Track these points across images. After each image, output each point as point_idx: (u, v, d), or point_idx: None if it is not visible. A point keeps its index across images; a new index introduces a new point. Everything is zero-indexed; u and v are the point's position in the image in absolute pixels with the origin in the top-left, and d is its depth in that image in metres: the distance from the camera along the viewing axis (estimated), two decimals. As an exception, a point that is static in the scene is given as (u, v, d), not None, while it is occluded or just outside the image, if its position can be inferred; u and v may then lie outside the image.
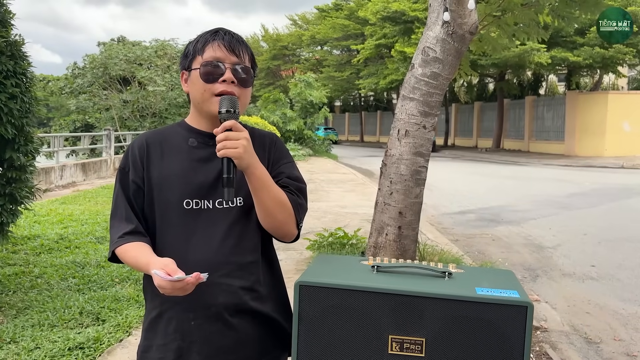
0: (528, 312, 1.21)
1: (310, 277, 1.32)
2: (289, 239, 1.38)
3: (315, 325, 1.29)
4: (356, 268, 1.42)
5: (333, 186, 11.85)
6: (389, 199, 4.68)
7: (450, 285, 1.30)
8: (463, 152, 27.44)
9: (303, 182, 1.40)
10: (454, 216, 8.75)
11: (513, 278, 1.40)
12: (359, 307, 1.27)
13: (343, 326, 1.28)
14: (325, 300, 1.28)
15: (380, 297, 1.26)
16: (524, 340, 1.21)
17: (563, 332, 3.90)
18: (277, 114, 20.49)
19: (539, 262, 5.86)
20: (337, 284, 1.28)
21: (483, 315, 1.22)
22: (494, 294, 1.24)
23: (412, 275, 1.37)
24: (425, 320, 1.25)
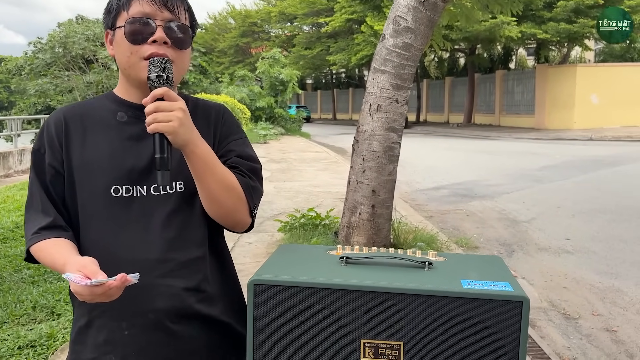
0: (524, 309, 1.03)
1: (267, 273, 1.11)
2: (242, 229, 1.17)
3: (274, 330, 1.09)
4: (322, 260, 1.22)
5: (306, 165, 11.64)
6: (361, 177, 4.49)
7: (431, 277, 1.11)
8: (435, 128, 27.47)
9: (257, 161, 1.19)
10: (427, 192, 8.64)
11: (502, 266, 1.22)
12: (325, 307, 1.07)
13: (307, 330, 1.08)
14: (284, 301, 1.08)
15: (350, 295, 1.07)
16: (519, 342, 1.03)
17: (541, 308, 3.81)
18: (244, 91, 20.02)
19: (514, 236, 5.79)
20: (298, 281, 1.08)
21: (470, 314, 1.04)
22: (482, 287, 1.05)
23: (387, 267, 1.17)
24: (403, 321, 1.06)
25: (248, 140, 1.23)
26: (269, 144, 16.66)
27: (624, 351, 3.16)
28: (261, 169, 1.20)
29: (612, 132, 19.83)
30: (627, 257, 4.93)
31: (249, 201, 1.12)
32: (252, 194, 1.13)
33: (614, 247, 5.26)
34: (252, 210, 1.14)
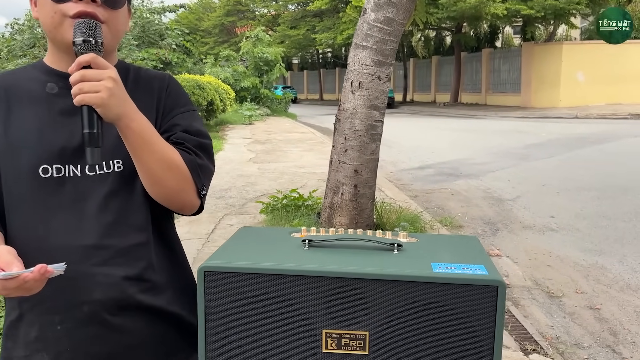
0: (499, 294, 0.94)
1: (220, 259, 1.01)
2: (190, 211, 1.06)
3: (228, 321, 0.99)
4: (283, 244, 1.12)
5: (291, 146, 11.50)
6: (343, 157, 4.39)
7: (400, 261, 1.02)
8: (422, 108, 27.38)
9: (206, 136, 1.07)
10: (413, 172, 8.58)
11: (477, 247, 1.13)
12: (283, 295, 0.98)
13: (264, 321, 0.98)
14: (238, 289, 0.98)
15: (310, 282, 0.97)
16: (494, 329, 0.94)
17: (525, 287, 3.77)
18: (228, 71, 19.71)
19: (499, 215, 5.74)
20: (252, 267, 0.98)
21: (441, 300, 0.95)
22: (454, 271, 0.96)
23: (353, 250, 1.08)
24: (368, 309, 0.97)
25: (197, 114, 1.12)
26: (254, 125, 16.47)
27: (607, 329, 3.12)
28: (211, 145, 1.09)
29: (598, 109, 19.88)
30: (610, 234, 4.91)
31: (195, 181, 1.01)
32: (200, 172, 1.02)
33: (598, 224, 5.24)
34: (200, 190, 1.04)
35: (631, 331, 3.09)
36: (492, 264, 1.01)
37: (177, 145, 1.01)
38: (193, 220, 5.09)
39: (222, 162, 8.74)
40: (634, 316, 3.28)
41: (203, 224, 4.92)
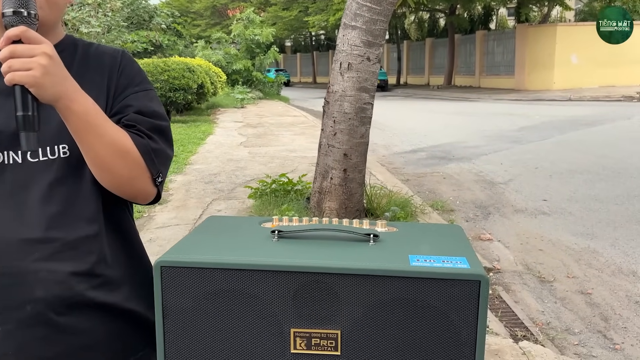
0: (482, 289, 0.86)
1: (178, 253, 0.93)
2: (144, 200, 0.98)
3: (188, 320, 0.91)
4: (251, 235, 1.04)
5: (283, 130, 11.38)
6: (332, 140, 4.30)
7: (375, 253, 0.94)
8: (415, 90, 27.23)
9: (162, 117, 0.98)
10: (405, 155, 8.50)
11: (461, 237, 1.05)
12: (248, 292, 0.90)
13: (228, 319, 0.91)
14: (200, 286, 0.90)
15: (277, 277, 0.89)
16: (476, 328, 0.87)
17: (516, 272, 3.72)
18: (219, 54, 19.45)
19: (491, 198, 5.69)
20: (214, 261, 0.90)
21: (419, 296, 0.87)
22: (433, 264, 0.88)
23: (325, 241, 1.00)
24: (340, 306, 0.89)
25: (154, 93, 1.02)
26: (246, 108, 16.30)
27: (599, 314, 3.08)
28: (169, 127, 1.00)
29: (591, 92, 19.81)
30: (603, 217, 4.87)
31: (149, 167, 0.92)
32: (154, 158, 0.93)
33: (591, 208, 5.19)
34: (156, 177, 0.95)
35: (622, 316, 3.05)
36: (475, 256, 0.94)
37: (129, 128, 0.92)
38: (180, 205, 5.01)
39: (212, 146, 8.63)
40: (626, 301, 3.23)
41: (190, 210, 4.83)
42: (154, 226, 4.38)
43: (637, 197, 5.49)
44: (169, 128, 1.02)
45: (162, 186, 1.01)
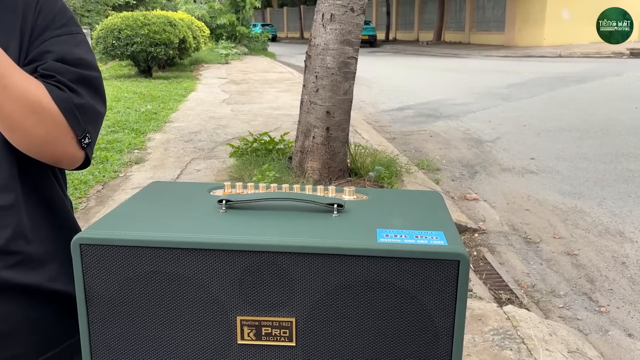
0: (461, 270, 0.73)
1: (104, 227, 0.78)
2: (70, 165, 0.83)
3: (117, 308, 0.77)
4: (196, 205, 0.89)
5: (268, 86, 11.09)
6: (314, 97, 4.12)
7: (338, 227, 0.80)
8: (404, 46, 26.75)
9: (90, 66, 0.82)
10: (392, 113, 8.32)
11: (439, 206, 0.91)
12: (186, 274, 0.76)
13: (163, 306, 0.77)
14: (129, 267, 0.76)
15: (221, 257, 0.75)
16: (454, 313, 0.74)
17: (502, 232, 3.64)
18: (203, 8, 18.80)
19: (478, 157, 5.57)
20: (144, 238, 0.75)
21: (387, 278, 0.74)
22: (404, 240, 0.75)
23: (281, 212, 0.85)
24: (294, 290, 0.76)
25: (82, 37, 0.85)
26: (230, 64, 15.88)
27: (584, 276, 3.01)
28: (99, 79, 0.84)
29: (581, 48, 19.55)
30: (590, 176, 4.78)
31: (73, 126, 0.77)
32: (79, 115, 0.77)
33: (579, 166, 5.10)
34: (82, 138, 0.79)
35: (608, 278, 2.98)
36: (455, 230, 0.80)
37: (47, 79, 0.76)
38: (158, 165, 4.84)
39: (193, 104, 8.38)
40: (612, 262, 3.17)
41: (168, 169, 4.66)
42: (129, 186, 4.22)
43: (625, 155, 5.40)
44: (99, 79, 0.85)
45: (91, 149, 0.85)
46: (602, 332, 2.47)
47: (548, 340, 2.21)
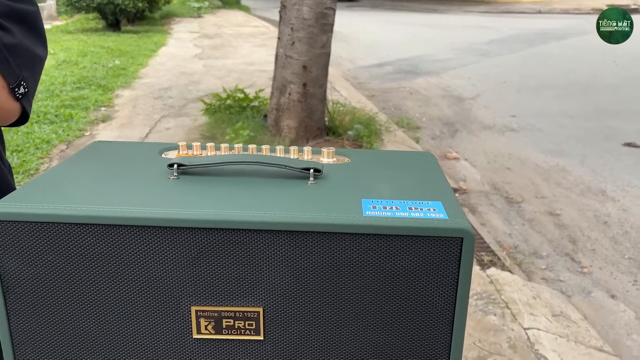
0: (464, 249, 0.60)
1: (25, 199, 0.63)
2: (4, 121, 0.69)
3: (42, 297, 0.63)
4: (142, 170, 0.74)
5: (242, 41, 10.70)
6: (290, 51, 3.91)
7: (314, 198, 0.66)
8: (383, 1, 26.17)
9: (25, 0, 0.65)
10: (370, 69, 8.11)
11: (434, 170, 0.78)
12: (127, 257, 0.61)
13: (100, 294, 0.63)
14: (56, 248, 0.61)
15: (170, 235, 0.61)
16: (454, 302, 0.61)
17: (483, 192, 3.55)
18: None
19: (458, 115, 5.45)
20: (74, 213, 0.60)
21: (373, 260, 0.60)
22: (396, 214, 0.61)
23: (246, 179, 0.71)
24: (261, 274, 0.62)
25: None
26: (203, 18, 15.30)
27: (567, 236, 2.96)
28: (36, 14, 0.67)
29: (561, 4, 19.36)
30: (572, 134, 4.71)
31: (2, 72, 0.60)
32: (10, 58, 0.61)
33: (560, 123, 5.03)
34: (15, 87, 0.63)
35: (591, 237, 2.93)
36: (455, 199, 0.67)
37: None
38: (125, 123, 4.61)
39: (164, 59, 8.03)
40: (594, 221, 3.12)
41: (137, 128, 4.44)
42: (96, 146, 3.99)
43: (606, 113, 5.34)
44: (36, 15, 0.68)
45: (28, 100, 0.69)
46: (585, 294, 2.43)
47: (532, 304, 2.15)
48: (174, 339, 0.64)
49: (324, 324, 0.63)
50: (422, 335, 0.63)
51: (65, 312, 0.63)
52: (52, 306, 0.63)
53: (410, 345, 0.63)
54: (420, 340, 0.63)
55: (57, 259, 0.61)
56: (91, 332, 0.64)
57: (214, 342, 0.64)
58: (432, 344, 0.63)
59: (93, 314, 0.63)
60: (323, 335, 0.63)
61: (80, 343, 0.64)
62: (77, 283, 0.62)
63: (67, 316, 0.63)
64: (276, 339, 0.64)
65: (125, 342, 0.64)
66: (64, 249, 0.61)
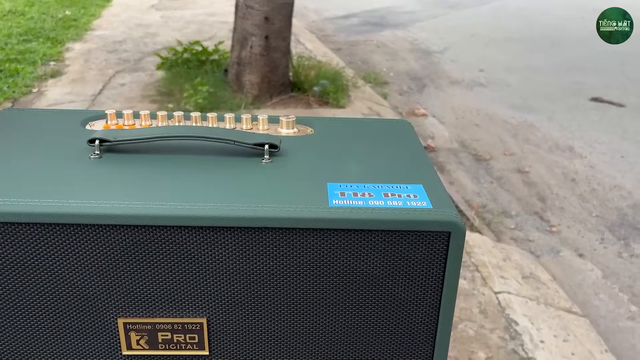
0: (452, 244, 0.49)
1: None
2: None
3: None
4: (58, 147, 0.60)
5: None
6: (251, 0, 3.68)
7: (268, 181, 0.54)
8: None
9: None
10: (336, 21, 7.85)
11: (412, 142, 0.66)
12: (34, 260, 0.49)
13: (5, 304, 0.50)
14: None
15: (88, 234, 0.48)
16: (438, 307, 0.51)
17: (451, 150, 3.48)
18: None
19: (426, 69, 5.33)
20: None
21: (340, 260, 0.49)
22: (369, 203, 0.50)
23: (185, 158, 0.58)
24: (204, 280, 0.50)
25: None
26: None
27: (535, 194, 2.93)
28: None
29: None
30: (541, 89, 4.66)
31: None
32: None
33: (529, 79, 4.97)
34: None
35: (559, 195, 2.91)
36: (439, 181, 0.55)
37: None
38: (77, 78, 4.32)
39: (118, 9, 7.58)
40: (562, 178, 3.09)
41: (89, 84, 4.17)
42: (44, 103, 3.74)
43: (575, 68, 5.30)
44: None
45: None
46: (554, 254, 2.41)
47: (502, 266, 2.11)
48: (98, 356, 0.52)
49: (280, 335, 0.52)
50: (401, 348, 0.52)
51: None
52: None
53: (383, 354, 0.53)
54: (398, 353, 0.53)
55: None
56: (8, 349, 0.51)
57: (149, 358, 0.53)
58: (410, 350, 0.53)
59: (7, 327, 0.51)
60: (280, 348, 0.52)
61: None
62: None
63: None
64: (225, 354, 0.53)
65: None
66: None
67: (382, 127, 0.71)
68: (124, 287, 0.50)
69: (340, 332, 0.52)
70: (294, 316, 0.51)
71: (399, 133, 0.68)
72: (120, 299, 0.50)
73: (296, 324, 0.51)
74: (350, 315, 0.51)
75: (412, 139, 0.66)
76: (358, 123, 0.71)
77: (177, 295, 0.50)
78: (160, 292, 0.50)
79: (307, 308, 0.51)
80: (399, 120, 0.72)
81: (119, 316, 0.51)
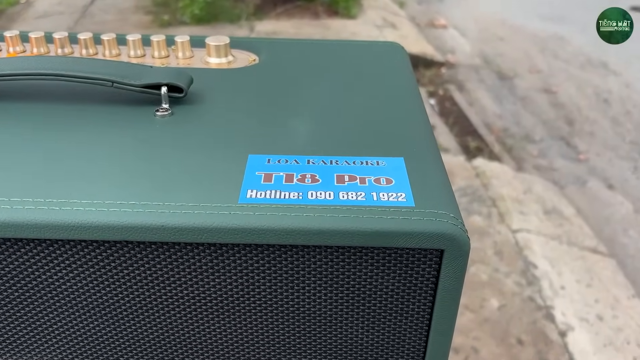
0: (446, 264, 0.29)
1: None
2: None
3: None
4: None
5: None
6: None
7: (156, 156, 0.33)
8: None
9: None
10: None
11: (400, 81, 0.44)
12: None
13: None
14: None
15: None
16: (426, 342, 0.32)
17: (472, 66, 3.18)
18: None
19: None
20: None
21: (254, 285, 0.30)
22: (308, 194, 0.29)
23: (41, 108, 0.37)
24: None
25: None
26: None
27: (563, 117, 2.66)
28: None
29: None
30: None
31: None
32: None
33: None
34: None
35: (589, 118, 2.64)
36: (434, 150, 0.34)
37: None
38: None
39: None
40: (594, 99, 2.81)
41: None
42: (32, 15, 3.48)
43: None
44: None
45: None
46: (580, 184, 2.19)
47: (522, 200, 1.91)
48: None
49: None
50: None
51: None
52: None
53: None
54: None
55: None
56: None
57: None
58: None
59: None
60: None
61: None
62: None
63: None
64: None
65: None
66: None
67: (361, 54, 0.48)
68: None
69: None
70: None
71: (384, 64, 0.46)
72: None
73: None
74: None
75: (400, 75, 0.44)
76: (327, 48, 0.49)
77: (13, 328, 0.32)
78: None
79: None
80: (386, 43, 0.50)
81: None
